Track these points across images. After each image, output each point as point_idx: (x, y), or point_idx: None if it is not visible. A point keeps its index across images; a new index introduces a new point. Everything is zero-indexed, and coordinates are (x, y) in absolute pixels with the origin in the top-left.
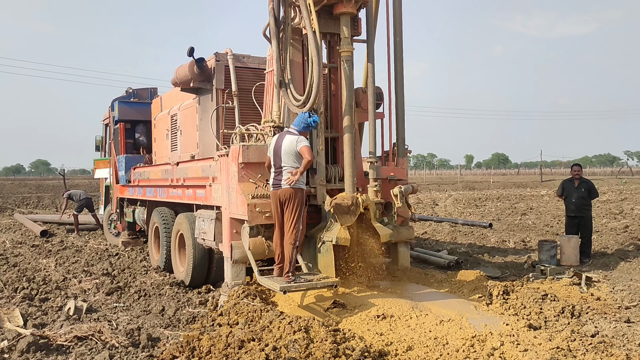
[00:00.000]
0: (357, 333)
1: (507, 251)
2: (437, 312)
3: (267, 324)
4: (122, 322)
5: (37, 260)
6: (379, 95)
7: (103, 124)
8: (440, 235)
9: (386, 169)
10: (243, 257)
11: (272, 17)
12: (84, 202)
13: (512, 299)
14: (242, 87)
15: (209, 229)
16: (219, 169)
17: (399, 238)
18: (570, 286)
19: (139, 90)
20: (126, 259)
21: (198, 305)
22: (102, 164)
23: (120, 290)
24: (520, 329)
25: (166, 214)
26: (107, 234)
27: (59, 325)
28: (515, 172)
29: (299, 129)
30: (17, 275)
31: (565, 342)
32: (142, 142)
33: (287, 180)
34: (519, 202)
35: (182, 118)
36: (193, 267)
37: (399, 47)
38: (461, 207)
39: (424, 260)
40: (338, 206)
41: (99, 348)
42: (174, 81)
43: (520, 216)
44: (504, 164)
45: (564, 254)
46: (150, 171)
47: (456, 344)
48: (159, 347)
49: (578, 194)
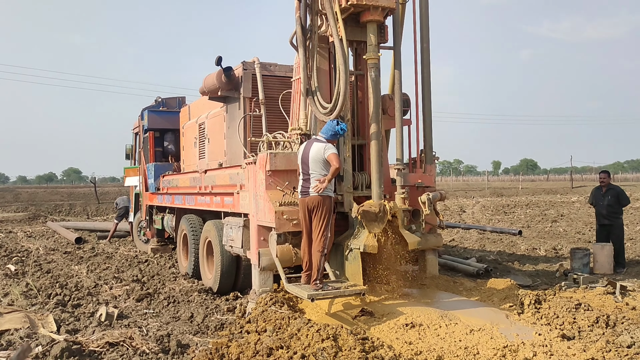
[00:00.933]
0: (386, 342)
1: (538, 259)
2: (467, 321)
3: (295, 331)
4: (152, 328)
5: (70, 267)
6: (406, 102)
7: (133, 133)
8: (469, 243)
9: (414, 175)
10: (270, 264)
11: (299, 26)
12: (123, 211)
13: (545, 308)
14: (269, 95)
15: (236, 236)
16: (246, 177)
17: (427, 245)
18: (605, 295)
19: (167, 100)
20: (155, 266)
21: (226, 312)
22: (132, 172)
23: (150, 297)
24: (553, 339)
25: (194, 221)
26: (137, 241)
27: (91, 331)
28: (545, 178)
29: (327, 137)
30: (50, 281)
31: (600, 352)
32: (170, 151)
33: (315, 187)
34: (549, 208)
35: (209, 126)
36: (221, 274)
37: (425, 53)
38: (489, 214)
39: (452, 268)
40: (365, 213)
41: (130, 354)
42: (202, 90)
43: (551, 223)
44: (533, 170)
45: (597, 262)
46: (178, 179)
47: (487, 353)
48: (188, 354)
49: (606, 202)
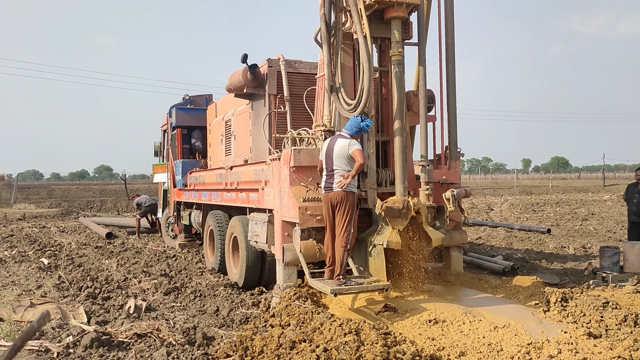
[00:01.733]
0: (409, 337)
1: (567, 257)
2: (491, 318)
3: (318, 325)
4: (179, 321)
5: (100, 261)
6: (431, 98)
7: (161, 130)
8: (495, 241)
9: (438, 172)
10: (294, 259)
11: (323, 23)
12: (149, 209)
13: (571, 306)
14: (293, 92)
15: (261, 232)
16: (271, 173)
17: (451, 242)
18: (634, 294)
19: (195, 97)
20: (183, 261)
21: (251, 307)
22: (161, 168)
23: (177, 291)
24: (580, 337)
25: (220, 217)
26: (165, 236)
27: (120, 322)
28: (576, 177)
29: (352, 133)
30: (81, 275)
31: (627, 351)
32: (197, 147)
33: (338, 183)
34: (580, 207)
35: (235, 123)
36: (246, 269)
37: (450, 49)
38: (517, 212)
39: (478, 266)
40: (389, 209)
41: (157, 345)
42: (228, 87)
43: (581, 222)
44: (564, 168)
45: (628, 261)
46: (205, 175)
47: (511, 350)
48: (214, 346)
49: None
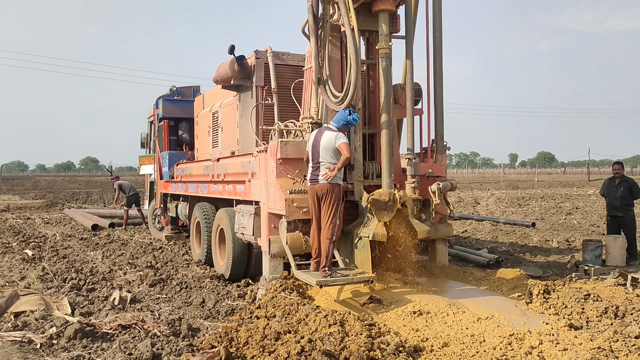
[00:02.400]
0: (393, 328)
1: (550, 251)
2: (475, 310)
3: (303, 317)
4: (164, 312)
5: (85, 253)
6: (418, 92)
7: (148, 122)
8: (481, 234)
9: (424, 165)
10: (281, 251)
11: (310, 15)
12: (133, 198)
13: (553, 298)
14: (281, 84)
15: (248, 224)
16: (257, 165)
17: (436, 235)
18: (615, 287)
19: (182, 89)
20: (169, 253)
21: (237, 298)
22: (147, 160)
23: (163, 282)
24: (561, 329)
25: (207, 209)
26: (151, 228)
27: (104, 314)
28: (562, 171)
29: (339, 126)
30: (66, 266)
31: (607, 342)
32: (185, 139)
33: (324, 175)
34: (565, 201)
35: (223, 115)
36: (232, 261)
37: (438, 42)
38: (504, 206)
39: (463, 259)
40: (375, 202)
41: (142, 336)
42: (216, 79)
43: (565, 216)
44: (550, 163)
45: (610, 254)
46: (192, 167)
47: (493, 341)
48: (199, 337)
49: (618, 193)
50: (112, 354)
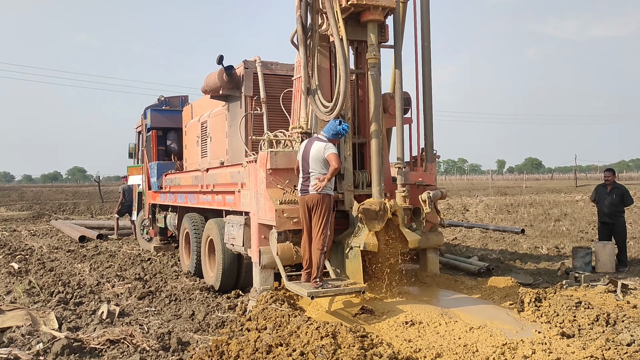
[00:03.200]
0: (385, 339)
1: (540, 258)
2: (467, 319)
3: (294, 329)
4: (153, 326)
5: (73, 265)
6: (407, 100)
7: (136, 132)
8: (471, 242)
9: (414, 174)
10: (271, 262)
11: (299, 25)
12: (126, 210)
13: (545, 306)
14: (270, 94)
15: (237, 235)
16: (247, 175)
17: (427, 244)
18: (606, 294)
19: (170, 98)
20: (158, 264)
21: (227, 310)
22: (135, 170)
23: (152, 295)
24: (553, 337)
25: (196, 219)
26: (140, 239)
27: (92, 328)
28: (549, 177)
29: (329, 136)
30: (53, 279)
31: (599, 350)
32: (173, 149)
33: (314, 186)
34: (553, 207)
35: (211, 125)
36: (222, 273)
37: (426, 51)
38: (492, 212)
39: (454, 267)
40: (366, 212)
41: (131, 351)
42: (204, 89)
43: (554, 222)
44: (537, 169)
45: (599, 261)
46: (181, 177)
47: (486, 351)
48: (189, 351)
49: (610, 200)
50: None
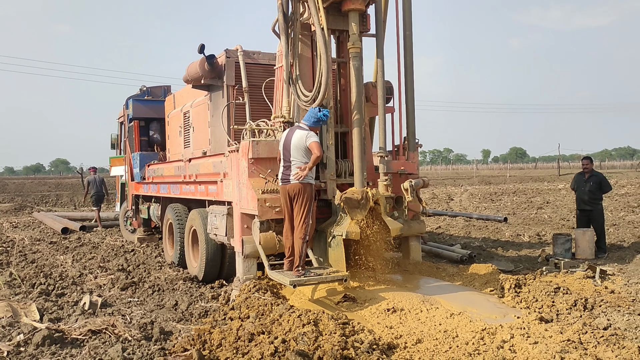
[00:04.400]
0: (367, 326)
1: (522, 245)
2: (448, 306)
3: (277, 317)
4: (136, 316)
5: (55, 257)
6: (389, 90)
7: (118, 122)
8: (455, 230)
9: (397, 163)
10: (254, 251)
11: (280, 13)
12: (94, 197)
13: (524, 292)
14: (252, 83)
15: (220, 225)
16: (229, 165)
17: (409, 232)
18: (584, 279)
19: (152, 88)
20: (141, 255)
21: (210, 300)
22: (118, 161)
23: (135, 286)
24: (532, 322)
25: (180, 210)
26: (123, 230)
27: (74, 319)
28: (533, 166)
29: (310, 124)
30: (34, 271)
31: (576, 334)
32: (156, 140)
33: (295, 175)
34: (536, 196)
35: (194, 115)
36: (206, 263)
37: (408, 40)
38: (476, 201)
39: (437, 255)
40: (348, 200)
41: (112, 341)
42: (186, 78)
43: (536, 210)
44: (522, 159)
45: (579, 248)
46: (163, 168)
47: (466, 336)
48: (171, 341)
49: (588, 188)
50: None
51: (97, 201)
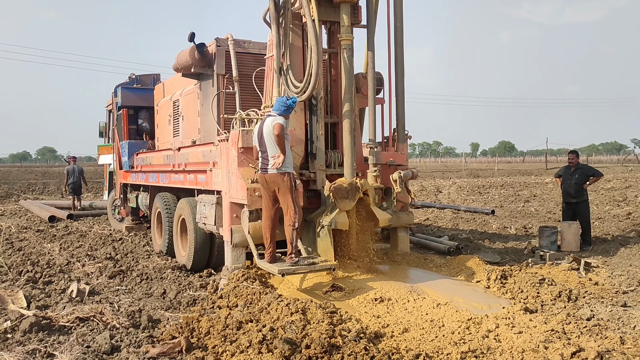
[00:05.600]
0: (354, 315)
1: (508, 237)
2: (435, 296)
3: (265, 305)
4: (124, 304)
5: (42, 245)
6: (379, 81)
7: (107, 110)
8: (443, 222)
9: (386, 154)
10: (243, 241)
11: (272, 2)
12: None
13: (510, 283)
14: (242, 72)
15: (209, 214)
16: (219, 154)
17: (398, 223)
18: (569, 271)
19: (141, 77)
20: (129, 244)
21: (199, 289)
22: (106, 150)
23: (123, 274)
24: (517, 312)
25: (168, 199)
26: (111, 219)
27: (61, 307)
28: (521, 160)
29: (280, 112)
30: (21, 259)
31: (560, 324)
32: (145, 128)
33: (272, 165)
34: (523, 189)
35: (183, 104)
36: (194, 252)
37: (399, 32)
38: (464, 194)
39: (424, 246)
40: (337, 191)
41: (100, 329)
42: (176, 67)
43: (524, 203)
44: (510, 152)
45: (565, 240)
46: (152, 157)
47: (452, 326)
48: (159, 328)
49: (573, 181)
50: (69, 347)
51: (74, 190)
